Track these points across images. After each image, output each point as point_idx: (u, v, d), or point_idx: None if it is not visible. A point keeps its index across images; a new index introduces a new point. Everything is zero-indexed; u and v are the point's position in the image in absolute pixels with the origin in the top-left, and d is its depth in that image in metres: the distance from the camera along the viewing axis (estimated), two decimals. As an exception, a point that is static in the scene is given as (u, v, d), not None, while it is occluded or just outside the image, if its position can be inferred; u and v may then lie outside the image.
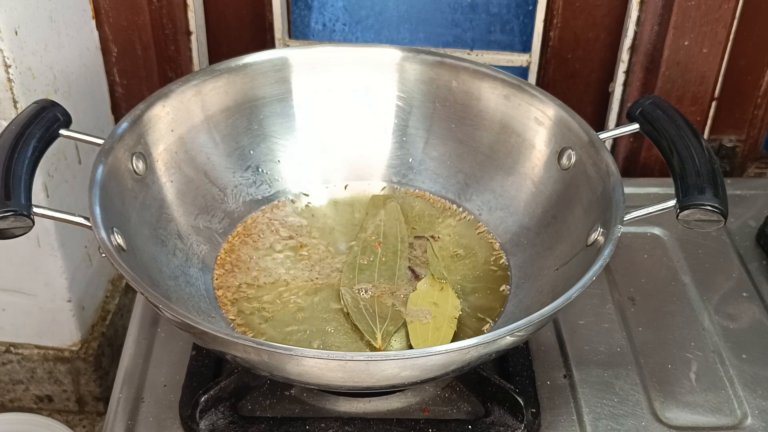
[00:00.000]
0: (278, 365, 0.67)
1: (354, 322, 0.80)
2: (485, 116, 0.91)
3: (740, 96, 1.09)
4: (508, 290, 0.84)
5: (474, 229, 0.90)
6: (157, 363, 0.82)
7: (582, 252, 0.78)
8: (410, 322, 0.80)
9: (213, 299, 0.82)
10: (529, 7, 1.10)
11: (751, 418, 0.79)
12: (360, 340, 0.79)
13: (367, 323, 0.79)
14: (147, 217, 0.81)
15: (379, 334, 0.79)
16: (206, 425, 0.75)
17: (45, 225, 0.96)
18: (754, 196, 1.04)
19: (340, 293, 0.82)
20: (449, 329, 0.79)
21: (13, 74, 0.87)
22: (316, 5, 1.13)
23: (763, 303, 0.90)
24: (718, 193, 0.72)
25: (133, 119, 0.82)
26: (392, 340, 0.79)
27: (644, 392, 0.81)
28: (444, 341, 0.78)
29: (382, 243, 0.88)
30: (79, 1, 1.00)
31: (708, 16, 0.98)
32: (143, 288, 0.67)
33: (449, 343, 0.77)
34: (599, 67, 1.09)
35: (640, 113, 0.81)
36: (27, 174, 0.70)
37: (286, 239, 0.89)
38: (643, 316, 0.88)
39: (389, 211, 0.91)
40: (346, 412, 0.78)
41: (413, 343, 0.78)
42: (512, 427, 0.75)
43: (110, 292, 1.16)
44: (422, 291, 0.83)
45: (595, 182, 0.80)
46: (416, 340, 0.78)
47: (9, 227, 0.68)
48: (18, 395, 1.17)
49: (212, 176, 0.89)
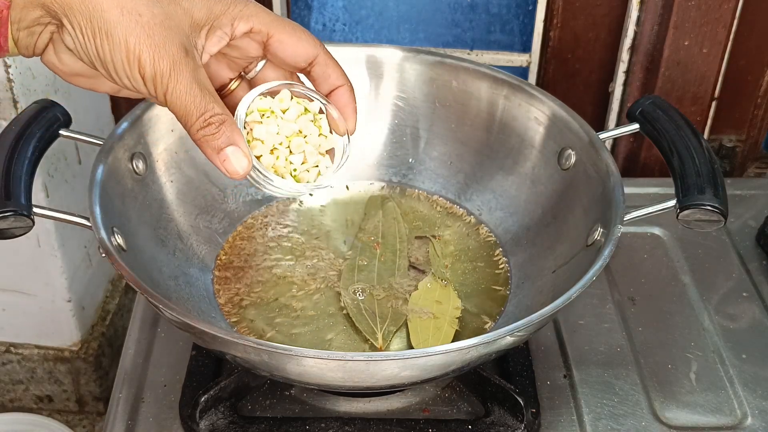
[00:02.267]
0: (278, 365, 0.67)
1: (354, 322, 0.80)
2: (485, 116, 0.91)
3: (740, 96, 1.09)
4: (508, 290, 0.84)
5: (475, 229, 0.90)
6: (157, 363, 0.82)
7: (582, 252, 0.77)
8: (411, 322, 0.80)
9: (213, 299, 0.82)
10: (529, 7, 1.10)
11: (751, 418, 0.79)
12: (361, 340, 0.79)
13: (368, 323, 0.79)
14: (147, 217, 0.81)
15: (379, 335, 0.79)
16: (206, 425, 0.75)
17: (45, 225, 0.96)
18: (754, 196, 1.04)
19: (340, 294, 0.82)
20: (450, 329, 0.79)
21: (14, 74, 0.87)
22: (316, 5, 1.13)
23: (763, 303, 0.90)
24: (718, 193, 0.72)
25: (133, 119, 0.82)
26: (393, 340, 0.79)
27: (644, 392, 0.81)
28: (445, 341, 0.78)
29: (381, 243, 0.88)
30: (79, 1, 1.00)
31: (708, 16, 0.98)
32: (143, 288, 0.66)
33: (450, 342, 0.77)
34: (599, 67, 1.09)
35: (640, 113, 0.81)
36: (27, 174, 0.70)
37: (286, 239, 0.89)
38: (643, 316, 0.88)
39: (387, 210, 0.91)
40: (346, 412, 0.78)
41: (414, 343, 0.78)
42: (512, 427, 0.75)
43: (110, 292, 1.16)
44: (424, 290, 0.83)
45: (595, 182, 0.80)
46: (417, 340, 0.78)
47: (9, 227, 0.68)
48: (18, 395, 1.17)
49: (212, 176, 0.89)
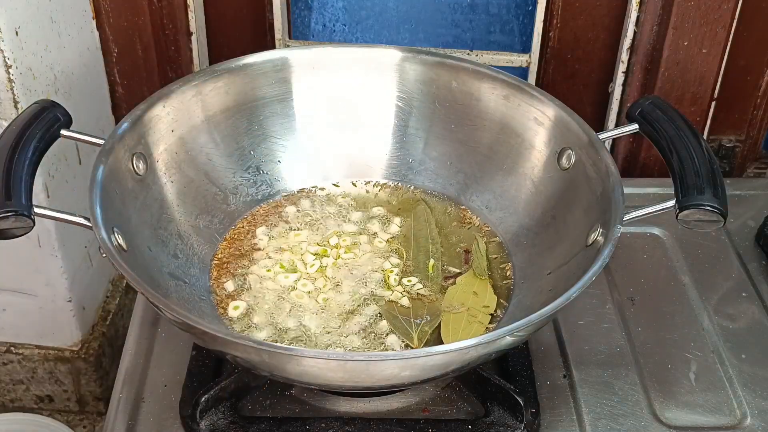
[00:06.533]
0: (278, 365, 0.67)
1: (389, 324, 0.80)
2: (485, 116, 0.91)
3: (740, 96, 1.09)
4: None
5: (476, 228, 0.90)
6: (158, 363, 0.82)
7: (582, 252, 0.78)
8: (444, 316, 0.80)
9: (213, 299, 0.82)
10: (529, 8, 1.10)
11: (751, 418, 0.79)
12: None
13: (401, 324, 0.79)
14: (147, 218, 0.81)
15: (415, 335, 0.79)
16: (206, 425, 0.75)
17: (45, 225, 0.96)
18: (754, 196, 1.04)
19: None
20: (481, 324, 0.79)
21: (14, 74, 0.87)
22: (316, 6, 1.13)
23: (763, 303, 0.90)
24: (718, 194, 0.72)
25: (133, 119, 0.82)
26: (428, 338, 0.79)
27: (644, 392, 0.81)
28: (475, 335, 0.78)
29: (413, 244, 0.88)
30: (80, 2, 1.00)
31: (707, 17, 0.98)
32: (144, 288, 0.67)
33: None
34: (599, 68, 1.09)
35: (639, 113, 0.81)
36: (27, 174, 0.70)
37: (286, 239, 0.89)
38: (642, 316, 0.88)
39: (419, 213, 0.91)
40: (346, 412, 0.78)
41: (444, 336, 0.78)
42: (512, 427, 0.75)
43: (111, 292, 1.16)
44: (462, 284, 0.83)
45: (594, 182, 0.80)
46: (447, 333, 0.78)
47: (9, 227, 0.68)
48: (18, 395, 1.17)
49: (212, 176, 0.89)
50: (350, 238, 0.89)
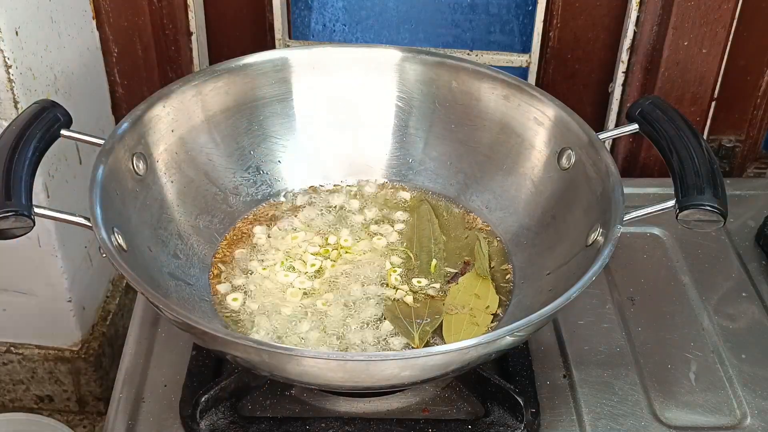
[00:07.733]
0: (278, 365, 0.67)
1: (390, 323, 0.80)
2: (485, 116, 0.91)
3: (740, 96, 1.09)
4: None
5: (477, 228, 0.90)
6: (158, 363, 0.82)
7: (582, 252, 0.78)
8: (445, 316, 0.80)
9: (213, 299, 0.82)
10: (529, 8, 1.10)
11: (751, 418, 0.79)
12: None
13: (403, 324, 0.79)
14: (147, 218, 0.81)
15: (416, 334, 0.79)
16: (206, 425, 0.75)
17: (45, 225, 0.96)
18: (754, 196, 1.04)
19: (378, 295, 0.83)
20: (483, 325, 0.79)
21: (14, 74, 0.87)
22: (316, 6, 1.13)
23: (763, 303, 0.90)
24: (718, 194, 0.72)
25: (133, 119, 0.82)
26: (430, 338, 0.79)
27: (644, 392, 0.81)
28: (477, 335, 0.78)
29: (416, 244, 0.88)
30: (80, 2, 1.00)
31: (707, 17, 0.98)
32: (144, 288, 0.67)
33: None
34: (599, 68, 1.09)
35: (639, 113, 0.81)
36: (27, 174, 0.70)
37: (287, 239, 0.89)
38: (642, 316, 0.88)
39: (422, 213, 0.91)
40: (346, 412, 0.78)
41: (446, 337, 0.79)
42: (512, 427, 0.75)
43: (111, 292, 1.16)
44: (464, 285, 0.83)
45: (594, 182, 0.80)
46: (449, 334, 0.78)
47: (9, 227, 0.68)
48: (18, 395, 1.17)
49: (213, 176, 0.89)
50: (350, 238, 0.89)
